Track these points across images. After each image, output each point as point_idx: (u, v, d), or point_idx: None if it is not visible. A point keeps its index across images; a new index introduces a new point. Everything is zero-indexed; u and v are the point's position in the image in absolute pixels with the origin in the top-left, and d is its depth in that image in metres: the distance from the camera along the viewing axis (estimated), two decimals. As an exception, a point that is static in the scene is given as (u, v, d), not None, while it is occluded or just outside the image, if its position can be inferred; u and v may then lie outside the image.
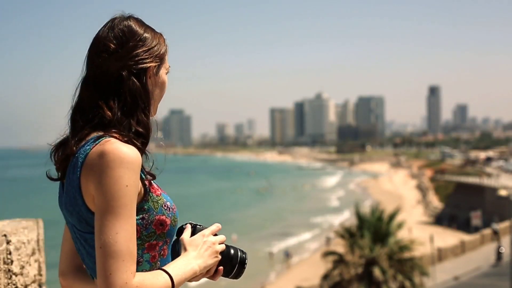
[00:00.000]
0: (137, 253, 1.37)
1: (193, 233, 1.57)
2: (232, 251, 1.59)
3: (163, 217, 1.44)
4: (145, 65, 1.48)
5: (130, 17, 1.53)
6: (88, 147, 1.38)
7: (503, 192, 45.76)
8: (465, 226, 46.04)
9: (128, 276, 1.28)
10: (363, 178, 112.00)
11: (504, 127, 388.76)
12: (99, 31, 1.51)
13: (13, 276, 2.36)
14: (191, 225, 1.59)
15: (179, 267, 1.43)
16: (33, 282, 2.52)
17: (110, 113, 1.42)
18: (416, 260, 22.01)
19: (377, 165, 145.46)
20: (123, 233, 1.30)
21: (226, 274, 1.59)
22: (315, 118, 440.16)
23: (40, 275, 2.59)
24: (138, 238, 1.39)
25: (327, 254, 22.97)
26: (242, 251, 1.61)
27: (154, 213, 1.42)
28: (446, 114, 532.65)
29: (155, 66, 1.51)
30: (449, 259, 33.57)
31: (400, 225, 23.16)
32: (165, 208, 1.45)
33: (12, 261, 2.36)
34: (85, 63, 1.51)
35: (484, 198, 50.41)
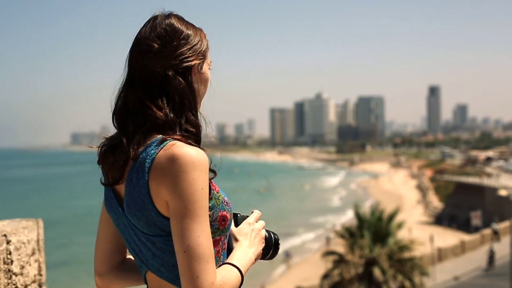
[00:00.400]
0: None
1: (235, 221, 1.60)
2: (267, 235, 1.63)
3: (225, 213, 1.46)
4: (189, 63, 1.47)
5: (170, 15, 1.51)
6: (153, 151, 1.36)
7: (503, 192, 45.76)
8: (465, 226, 45.95)
9: (213, 276, 1.31)
10: (363, 178, 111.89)
11: (504, 127, 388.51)
12: (140, 31, 1.48)
13: (13, 276, 2.36)
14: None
15: (240, 259, 1.47)
16: (33, 282, 2.52)
17: (161, 113, 1.41)
18: (416, 260, 21.99)
19: (377, 165, 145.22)
20: (204, 235, 1.32)
21: (262, 257, 1.62)
22: (315, 118, 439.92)
23: (40, 275, 2.59)
24: None
25: (327, 254, 22.97)
26: (274, 233, 1.66)
27: (217, 209, 1.44)
28: (446, 114, 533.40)
29: (199, 63, 1.50)
30: (449, 259, 33.52)
31: (400, 225, 23.13)
32: (225, 203, 1.47)
33: (12, 261, 2.36)
34: (127, 64, 1.48)
35: (484, 198, 50.34)
